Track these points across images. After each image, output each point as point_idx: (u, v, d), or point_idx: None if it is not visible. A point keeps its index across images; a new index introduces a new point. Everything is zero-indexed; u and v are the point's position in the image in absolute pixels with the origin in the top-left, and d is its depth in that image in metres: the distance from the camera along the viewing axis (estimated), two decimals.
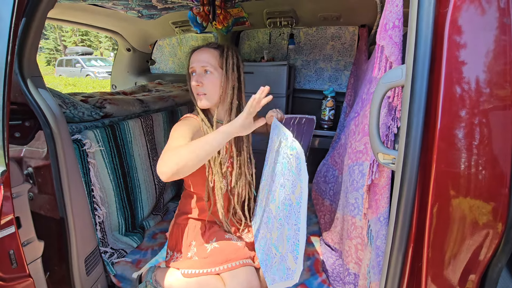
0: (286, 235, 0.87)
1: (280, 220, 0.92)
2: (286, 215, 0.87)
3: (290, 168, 0.86)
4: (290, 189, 0.85)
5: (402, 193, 0.61)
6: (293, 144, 0.85)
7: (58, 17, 1.99)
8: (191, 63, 1.10)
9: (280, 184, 0.92)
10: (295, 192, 0.82)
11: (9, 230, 0.70)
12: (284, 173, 0.89)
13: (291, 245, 0.83)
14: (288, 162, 0.87)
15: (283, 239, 0.89)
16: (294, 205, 0.82)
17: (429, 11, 0.56)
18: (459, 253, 0.60)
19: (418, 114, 0.58)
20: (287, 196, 0.88)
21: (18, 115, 0.89)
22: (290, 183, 0.85)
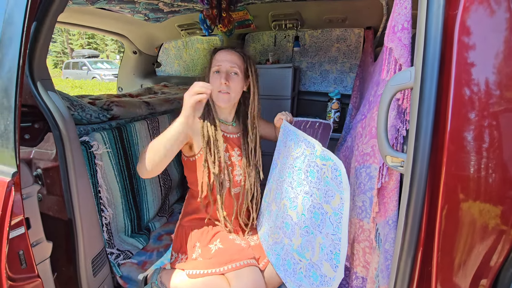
0: (319, 243, 0.88)
1: (306, 228, 0.92)
2: (317, 223, 0.89)
3: (321, 177, 0.87)
4: (323, 198, 0.87)
5: (411, 196, 0.60)
6: (325, 153, 0.86)
7: (66, 20, 2.03)
8: (217, 62, 1.11)
9: (305, 192, 0.93)
10: (330, 202, 0.84)
11: (19, 230, 0.71)
12: (311, 182, 0.90)
13: (327, 253, 0.85)
14: (317, 172, 0.88)
15: (312, 247, 0.90)
16: (330, 215, 0.84)
17: (438, 13, 0.56)
18: (469, 257, 0.59)
19: (427, 117, 0.57)
20: (317, 205, 0.89)
21: (28, 117, 0.90)
22: (322, 193, 0.87)
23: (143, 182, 1.58)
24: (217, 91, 1.11)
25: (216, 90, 1.11)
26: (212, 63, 1.13)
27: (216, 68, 1.11)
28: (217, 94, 1.11)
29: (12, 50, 0.67)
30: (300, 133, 0.97)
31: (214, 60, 1.13)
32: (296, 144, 0.97)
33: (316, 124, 1.33)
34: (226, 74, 1.10)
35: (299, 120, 1.22)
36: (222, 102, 1.12)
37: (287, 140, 1.03)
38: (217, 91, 1.11)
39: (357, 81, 1.90)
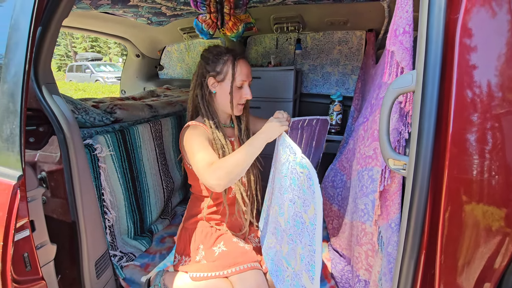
0: (299, 253, 0.87)
1: (290, 236, 0.92)
2: (298, 232, 0.88)
3: (300, 186, 0.86)
4: (302, 207, 0.86)
5: (414, 199, 0.60)
6: (303, 161, 0.85)
7: (70, 24, 2.05)
8: (243, 76, 1.10)
9: (289, 199, 0.92)
10: (307, 211, 0.83)
11: (24, 233, 0.72)
12: (294, 189, 0.89)
13: (306, 264, 0.83)
14: (297, 179, 0.87)
15: (295, 256, 0.89)
16: (307, 224, 0.83)
17: (439, 16, 0.56)
18: (473, 260, 0.59)
19: (429, 120, 0.57)
20: (298, 213, 0.88)
21: (33, 121, 0.91)
22: (301, 201, 0.85)
23: (145, 185, 1.59)
24: (237, 103, 1.13)
25: (237, 103, 1.13)
26: (236, 74, 1.08)
27: (242, 83, 1.11)
28: (236, 106, 1.13)
29: (18, 55, 0.69)
30: (287, 138, 0.96)
31: (238, 72, 1.09)
32: (283, 149, 0.97)
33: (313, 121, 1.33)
34: (248, 88, 1.12)
35: (296, 120, 1.21)
36: (239, 112, 1.15)
37: (278, 144, 1.03)
38: (237, 103, 1.13)
39: (359, 83, 1.91)
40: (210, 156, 0.97)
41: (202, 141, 1.02)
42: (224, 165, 0.91)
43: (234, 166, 0.91)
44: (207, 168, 0.92)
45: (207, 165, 0.93)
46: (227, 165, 0.91)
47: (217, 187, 0.92)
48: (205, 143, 1.02)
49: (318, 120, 1.36)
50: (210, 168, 0.92)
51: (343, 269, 1.20)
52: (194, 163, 0.99)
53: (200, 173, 0.96)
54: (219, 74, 1.10)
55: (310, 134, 1.39)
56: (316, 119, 1.34)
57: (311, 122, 1.32)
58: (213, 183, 0.91)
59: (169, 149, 1.81)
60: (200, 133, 1.06)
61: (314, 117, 1.30)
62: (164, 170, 1.74)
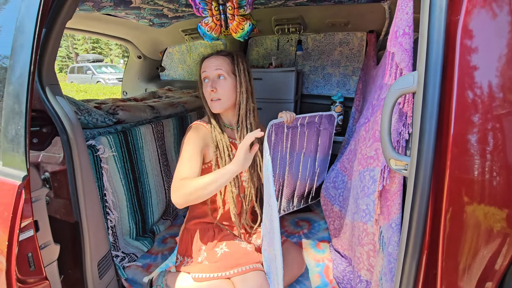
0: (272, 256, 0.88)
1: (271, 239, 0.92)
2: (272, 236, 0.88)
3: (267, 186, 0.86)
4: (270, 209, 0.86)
5: (415, 199, 0.61)
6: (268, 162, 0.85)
7: (73, 26, 2.06)
8: (203, 69, 1.12)
9: (266, 202, 0.93)
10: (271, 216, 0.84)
11: (28, 233, 0.73)
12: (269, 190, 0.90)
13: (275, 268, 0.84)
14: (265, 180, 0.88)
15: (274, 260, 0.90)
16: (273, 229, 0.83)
17: (440, 17, 0.57)
18: (474, 260, 0.59)
19: (430, 120, 0.58)
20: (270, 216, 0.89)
21: (37, 122, 0.92)
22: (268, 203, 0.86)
23: (147, 186, 1.59)
24: (209, 99, 1.11)
25: (209, 99, 1.12)
26: (200, 71, 1.14)
27: (203, 76, 1.12)
28: (210, 103, 1.12)
29: (23, 56, 0.69)
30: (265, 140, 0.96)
31: (201, 68, 1.13)
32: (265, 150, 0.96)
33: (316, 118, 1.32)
34: (212, 81, 1.10)
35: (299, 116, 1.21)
36: (216, 109, 1.12)
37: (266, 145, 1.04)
38: (209, 99, 1.11)
39: (360, 84, 1.91)
40: (187, 170, 0.99)
41: (192, 150, 1.04)
42: (188, 186, 0.94)
43: (195, 190, 0.93)
44: (175, 182, 0.97)
45: (178, 178, 0.97)
46: (189, 187, 0.93)
47: (175, 204, 0.96)
48: (194, 153, 1.03)
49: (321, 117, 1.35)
50: (176, 183, 0.96)
51: (345, 270, 1.21)
52: (177, 165, 1.03)
53: (173, 180, 1.00)
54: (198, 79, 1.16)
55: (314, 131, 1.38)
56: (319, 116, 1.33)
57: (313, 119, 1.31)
58: (172, 200, 0.96)
59: (171, 150, 1.82)
60: (197, 137, 1.08)
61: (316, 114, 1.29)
62: (166, 171, 1.75)
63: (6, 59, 0.73)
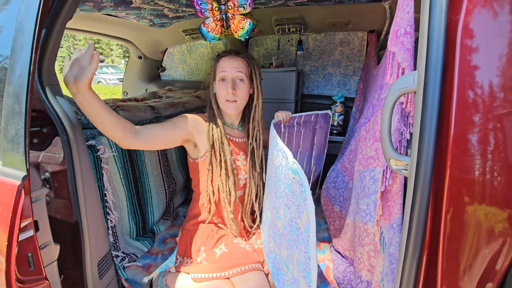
0: (296, 259, 0.86)
1: (288, 241, 0.91)
2: (294, 238, 0.86)
3: (293, 191, 0.84)
4: (296, 213, 0.84)
5: (416, 200, 0.61)
6: (294, 166, 0.83)
7: (74, 26, 2.06)
8: (222, 69, 1.10)
9: (285, 204, 0.91)
10: (302, 218, 0.81)
11: (28, 233, 0.73)
12: (288, 194, 0.88)
13: (302, 271, 0.82)
14: (291, 184, 0.86)
15: (293, 262, 0.88)
16: (302, 231, 0.81)
17: (440, 17, 0.57)
18: (475, 261, 0.59)
19: (430, 120, 0.58)
20: (293, 218, 0.87)
21: (37, 122, 0.92)
22: (296, 207, 0.84)
23: (148, 186, 1.59)
24: (224, 100, 1.11)
25: (224, 99, 1.11)
26: (217, 70, 1.12)
27: (222, 75, 1.10)
28: (225, 103, 1.12)
29: (23, 57, 0.69)
30: (279, 141, 0.95)
31: (219, 67, 1.11)
32: (276, 152, 0.95)
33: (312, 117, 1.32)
34: (232, 82, 1.09)
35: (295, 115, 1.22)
36: (230, 110, 1.13)
37: (272, 146, 1.02)
38: (224, 100, 1.11)
39: (361, 84, 1.91)
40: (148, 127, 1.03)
41: (175, 120, 1.08)
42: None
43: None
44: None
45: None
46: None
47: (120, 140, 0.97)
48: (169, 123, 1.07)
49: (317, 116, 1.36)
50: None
51: (345, 270, 1.20)
52: None
53: None
54: (210, 74, 1.16)
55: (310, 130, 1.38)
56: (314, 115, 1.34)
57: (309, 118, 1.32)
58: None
59: (171, 150, 1.82)
60: (190, 120, 1.10)
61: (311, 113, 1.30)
62: (166, 171, 1.75)
63: (6, 59, 0.73)
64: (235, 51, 1.14)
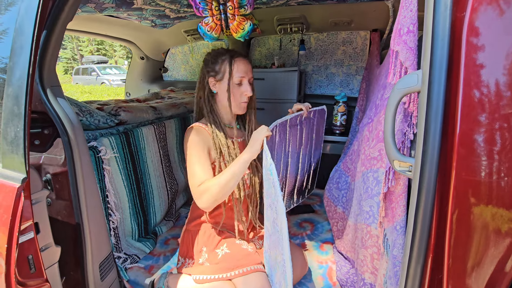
0: (276, 258, 0.86)
1: (274, 242, 0.91)
2: (275, 239, 0.87)
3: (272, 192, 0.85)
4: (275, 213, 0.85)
5: (420, 202, 0.59)
6: (271, 167, 0.84)
7: (76, 28, 2.07)
8: (240, 73, 1.11)
9: (269, 205, 0.92)
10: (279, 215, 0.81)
11: (29, 235, 0.72)
12: (271, 195, 0.88)
13: (282, 273, 0.82)
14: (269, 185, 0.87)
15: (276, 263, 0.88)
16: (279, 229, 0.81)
17: (445, 14, 0.55)
18: (482, 264, 0.57)
19: (435, 120, 0.56)
20: (275, 219, 0.87)
21: (38, 123, 0.92)
22: (275, 207, 0.84)
23: (150, 187, 1.59)
24: (239, 101, 1.13)
25: (239, 101, 1.13)
26: (233, 72, 1.10)
27: (240, 79, 1.11)
28: (239, 104, 1.14)
29: (22, 58, 0.69)
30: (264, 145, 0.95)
31: (235, 69, 1.10)
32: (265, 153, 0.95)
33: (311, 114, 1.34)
34: (248, 85, 1.13)
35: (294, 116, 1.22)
36: (241, 111, 1.16)
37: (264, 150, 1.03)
38: (239, 101, 1.13)
39: (364, 84, 1.89)
40: (202, 173, 1.02)
41: (200, 151, 1.06)
42: (211, 189, 0.97)
43: (219, 190, 0.96)
44: (196, 189, 1.01)
45: (196, 185, 1.00)
46: (213, 189, 0.97)
47: (204, 209, 1.01)
48: (202, 155, 1.05)
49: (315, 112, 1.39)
50: (198, 189, 0.99)
51: (348, 272, 1.19)
52: (188, 172, 1.05)
53: (191, 188, 1.03)
54: (218, 74, 1.13)
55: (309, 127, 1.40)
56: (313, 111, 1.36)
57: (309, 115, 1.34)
58: (200, 206, 1.00)
59: (173, 151, 1.82)
60: (200, 140, 1.08)
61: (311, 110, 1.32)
62: (168, 172, 1.75)
63: (6, 60, 0.73)
64: (241, 53, 1.16)
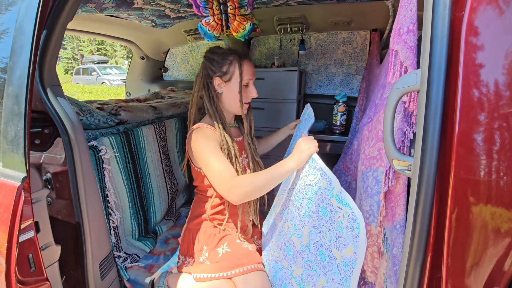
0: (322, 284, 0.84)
1: (308, 262, 0.89)
2: (322, 264, 0.84)
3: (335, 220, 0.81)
4: (333, 241, 0.81)
5: (419, 201, 0.59)
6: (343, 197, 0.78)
7: (76, 28, 2.07)
8: (249, 76, 1.13)
9: (314, 226, 0.88)
10: (341, 250, 0.78)
11: (29, 234, 0.73)
12: (322, 219, 0.84)
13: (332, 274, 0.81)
14: (331, 212, 0.82)
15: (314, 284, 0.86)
16: (338, 262, 0.79)
17: (444, 14, 0.55)
18: (481, 263, 0.57)
19: (434, 120, 0.56)
20: (325, 245, 0.84)
21: (38, 123, 0.92)
22: (334, 236, 0.81)
23: (150, 186, 1.59)
24: (244, 102, 1.14)
25: (244, 102, 1.14)
26: (243, 74, 1.10)
27: (248, 81, 1.13)
28: (244, 106, 1.14)
29: (22, 57, 0.69)
30: (318, 159, 0.89)
31: (245, 71, 1.11)
32: (311, 169, 0.90)
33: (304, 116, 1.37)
34: (254, 87, 1.15)
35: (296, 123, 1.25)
36: (244, 111, 1.16)
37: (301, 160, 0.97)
38: (244, 102, 1.14)
39: (364, 84, 1.89)
40: (229, 169, 0.98)
41: (215, 148, 1.02)
42: (246, 184, 0.93)
43: (252, 190, 0.92)
44: (228, 182, 0.95)
45: (229, 179, 0.95)
46: (248, 186, 0.92)
47: (235, 202, 0.96)
48: (218, 151, 1.02)
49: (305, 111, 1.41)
50: (231, 183, 0.95)
51: None
52: (209, 171, 1.00)
53: (218, 183, 0.98)
54: (225, 74, 1.11)
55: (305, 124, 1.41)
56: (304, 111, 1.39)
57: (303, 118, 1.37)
58: (232, 199, 0.95)
59: (173, 151, 1.82)
60: (211, 137, 1.05)
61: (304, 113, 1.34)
62: (168, 171, 1.75)
63: (6, 60, 0.73)
64: (247, 55, 1.19)
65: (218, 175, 0.97)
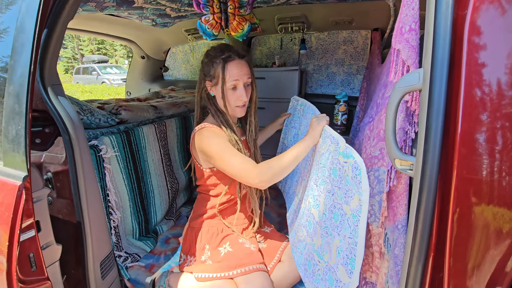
0: (336, 245, 0.85)
1: (325, 228, 0.90)
2: (336, 225, 0.86)
3: (342, 176, 0.84)
4: (343, 198, 0.84)
5: (421, 200, 0.59)
6: (347, 151, 0.83)
7: (77, 27, 2.07)
8: (234, 78, 1.05)
9: (327, 191, 0.91)
10: (349, 203, 0.81)
11: (30, 233, 0.72)
12: (334, 180, 0.88)
13: (343, 258, 0.82)
14: (339, 169, 0.85)
15: (330, 249, 0.88)
16: (348, 216, 0.81)
17: (447, 13, 0.55)
18: (483, 263, 0.57)
19: (437, 119, 0.56)
20: (337, 204, 0.86)
21: (39, 122, 0.92)
22: (343, 192, 0.83)
23: (150, 186, 1.59)
24: (234, 106, 1.10)
25: (234, 105, 1.10)
26: (226, 77, 1.05)
27: (234, 84, 1.06)
28: (234, 109, 1.11)
29: (23, 56, 0.69)
30: (328, 129, 0.97)
31: (228, 74, 1.05)
32: (323, 140, 0.97)
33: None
34: (244, 89, 1.08)
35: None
36: (241, 114, 1.14)
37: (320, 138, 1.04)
38: (234, 106, 1.10)
39: (365, 83, 1.88)
40: (246, 158, 1.01)
41: (226, 144, 1.03)
42: (273, 167, 0.97)
43: (281, 169, 0.97)
44: (254, 170, 0.97)
45: (253, 167, 0.98)
46: (275, 168, 0.97)
47: (263, 187, 0.99)
48: (230, 146, 1.03)
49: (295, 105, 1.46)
50: (257, 170, 0.97)
51: None
52: (229, 165, 1.00)
53: (243, 174, 0.98)
54: (213, 78, 1.09)
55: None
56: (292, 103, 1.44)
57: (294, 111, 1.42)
58: (261, 185, 0.97)
59: (174, 150, 1.82)
60: (220, 135, 1.05)
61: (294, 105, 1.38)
62: (168, 171, 1.75)
63: (7, 59, 0.73)
64: (238, 53, 1.08)
65: (240, 166, 0.99)
